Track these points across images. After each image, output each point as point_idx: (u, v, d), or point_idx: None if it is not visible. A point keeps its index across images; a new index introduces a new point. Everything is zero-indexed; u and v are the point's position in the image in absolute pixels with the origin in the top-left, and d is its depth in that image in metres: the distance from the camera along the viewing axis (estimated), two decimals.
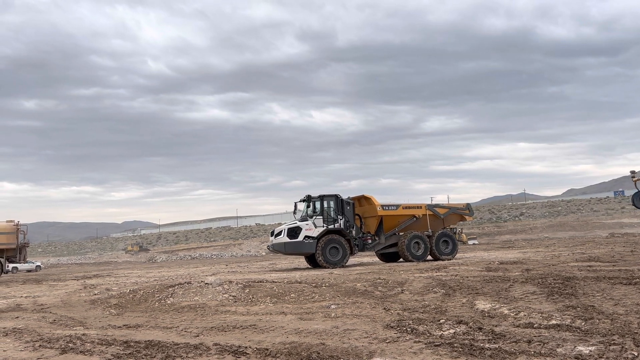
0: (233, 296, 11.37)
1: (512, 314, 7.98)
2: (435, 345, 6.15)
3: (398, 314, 8.58)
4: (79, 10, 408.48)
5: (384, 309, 9.10)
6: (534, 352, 5.65)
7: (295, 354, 6.07)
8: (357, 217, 22.40)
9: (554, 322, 7.22)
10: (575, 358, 5.33)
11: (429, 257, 22.21)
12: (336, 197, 21.31)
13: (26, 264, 40.13)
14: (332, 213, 21.13)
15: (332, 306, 9.69)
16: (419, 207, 22.79)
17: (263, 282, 12.72)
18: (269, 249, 22.50)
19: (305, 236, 20.66)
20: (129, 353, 6.49)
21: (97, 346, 7.01)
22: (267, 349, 6.39)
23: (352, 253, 21.06)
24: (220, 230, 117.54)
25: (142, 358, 6.21)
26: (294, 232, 20.93)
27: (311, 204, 21.53)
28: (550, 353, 5.58)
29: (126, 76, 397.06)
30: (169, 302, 11.40)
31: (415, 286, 11.14)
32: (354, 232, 21.68)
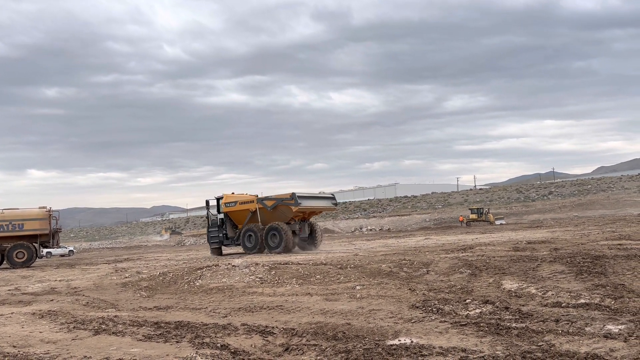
0: (259, 278, 11.52)
1: (539, 294, 7.90)
2: (461, 325, 6.14)
3: (423, 294, 8.58)
4: None
5: (410, 289, 9.10)
6: (562, 331, 5.60)
7: (321, 334, 6.13)
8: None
9: (582, 301, 7.13)
10: (605, 337, 5.25)
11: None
12: (206, 201, 24.74)
13: (59, 249, 41.18)
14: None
15: (358, 287, 9.74)
16: (251, 201, 23.10)
17: (289, 264, 12.84)
18: None
19: None
20: (160, 334, 6.66)
21: (129, 327, 7.20)
22: (293, 329, 6.47)
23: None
24: None
25: (172, 338, 6.36)
26: None
27: None
28: (579, 332, 5.51)
29: (143, 62, 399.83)
30: (197, 284, 11.61)
31: (441, 267, 11.10)
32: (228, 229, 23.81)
